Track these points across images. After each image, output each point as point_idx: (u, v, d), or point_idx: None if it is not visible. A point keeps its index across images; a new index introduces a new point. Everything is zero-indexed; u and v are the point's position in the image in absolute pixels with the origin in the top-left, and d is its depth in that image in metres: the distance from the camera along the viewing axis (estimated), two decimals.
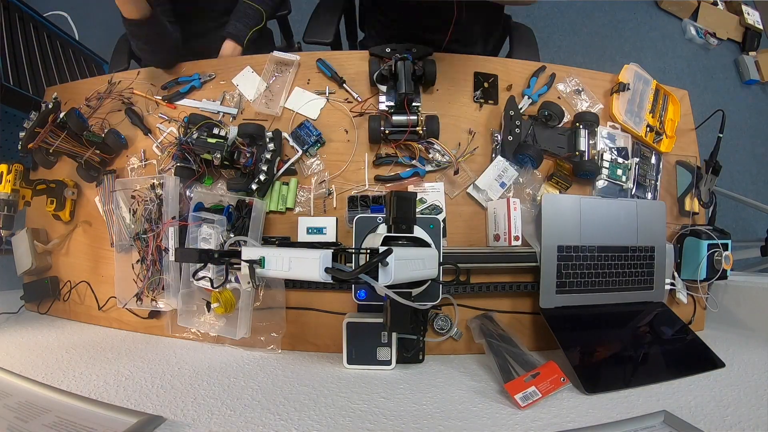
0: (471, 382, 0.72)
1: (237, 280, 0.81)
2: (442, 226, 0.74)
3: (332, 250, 0.51)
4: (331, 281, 0.49)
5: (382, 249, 0.53)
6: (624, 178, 0.93)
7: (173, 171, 0.88)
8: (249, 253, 0.55)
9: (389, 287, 0.54)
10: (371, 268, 0.49)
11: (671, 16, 2.54)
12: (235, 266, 0.57)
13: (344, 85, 0.92)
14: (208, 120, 0.86)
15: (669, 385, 0.70)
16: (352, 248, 0.60)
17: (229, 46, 1.04)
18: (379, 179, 0.87)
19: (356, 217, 0.72)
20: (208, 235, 0.79)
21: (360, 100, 0.91)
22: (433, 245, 0.66)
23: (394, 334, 0.76)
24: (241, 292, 0.81)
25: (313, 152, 0.89)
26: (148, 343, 0.86)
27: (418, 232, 0.66)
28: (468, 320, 0.86)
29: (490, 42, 1.23)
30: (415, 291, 0.67)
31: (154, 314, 0.91)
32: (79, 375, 0.68)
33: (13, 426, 0.52)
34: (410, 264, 0.56)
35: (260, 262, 0.54)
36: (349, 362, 0.77)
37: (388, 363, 0.76)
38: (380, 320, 0.75)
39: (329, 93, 0.92)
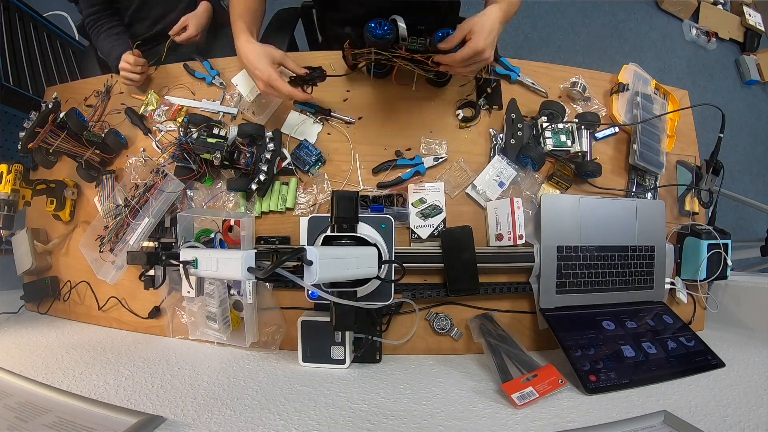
0: (471, 382, 0.72)
1: (239, 293, 0.82)
2: (393, 226, 0.75)
3: (255, 251, 0.53)
4: (255, 279, 0.52)
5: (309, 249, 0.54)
6: (569, 143, 0.89)
7: (173, 171, 0.88)
8: (186, 254, 0.56)
9: (330, 285, 0.57)
10: (284, 266, 0.50)
11: (671, 17, 2.54)
12: (174, 267, 0.60)
13: (333, 114, 0.91)
14: (208, 120, 0.86)
15: (669, 385, 0.70)
16: (279, 246, 0.60)
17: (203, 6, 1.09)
18: (381, 186, 0.87)
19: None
20: (211, 291, 0.79)
21: (353, 120, 0.91)
22: (380, 244, 0.66)
23: (348, 333, 0.76)
24: (244, 304, 0.81)
25: (315, 172, 0.88)
26: (148, 343, 0.86)
27: (367, 230, 0.66)
28: (468, 320, 0.86)
29: None
30: (361, 290, 0.66)
31: (154, 314, 0.91)
32: (79, 375, 0.68)
33: (13, 426, 0.52)
34: (340, 263, 0.56)
35: (194, 263, 0.55)
36: (304, 360, 0.77)
37: (342, 362, 0.76)
38: None
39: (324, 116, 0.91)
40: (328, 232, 0.65)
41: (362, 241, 0.63)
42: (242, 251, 0.51)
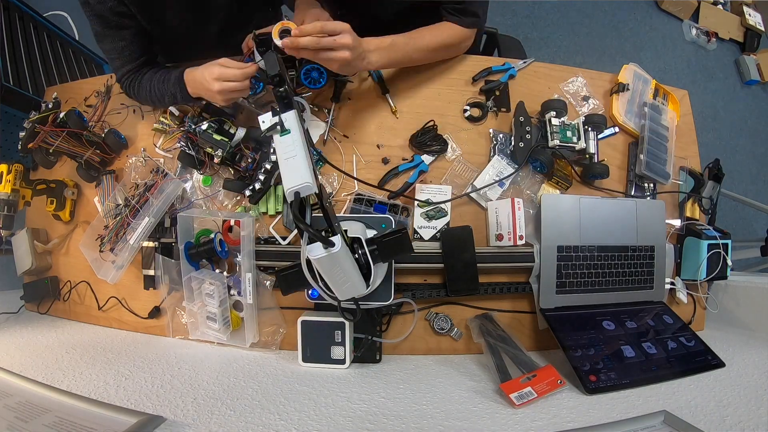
0: (471, 382, 0.72)
1: (240, 293, 0.82)
2: (393, 226, 0.76)
3: (317, 191, 0.56)
4: (290, 203, 0.55)
5: (351, 235, 0.58)
6: (575, 139, 0.88)
7: (177, 155, 0.88)
8: (289, 120, 0.60)
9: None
10: (316, 232, 0.53)
11: (671, 17, 2.54)
12: (274, 111, 0.62)
13: (387, 95, 0.91)
14: (222, 113, 0.86)
15: (669, 385, 0.70)
16: (329, 204, 0.62)
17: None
18: (392, 195, 0.87)
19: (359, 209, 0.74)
20: (211, 291, 0.80)
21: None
22: (376, 278, 0.67)
23: (348, 333, 0.76)
24: (244, 305, 0.82)
25: (316, 171, 0.88)
26: (148, 343, 0.86)
27: (377, 272, 0.66)
28: (468, 320, 0.86)
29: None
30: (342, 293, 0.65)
31: (154, 314, 0.91)
32: (79, 375, 0.68)
33: (13, 426, 0.52)
34: (337, 270, 0.58)
35: (284, 130, 0.59)
36: (305, 360, 0.77)
37: (342, 362, 0.76)
38: (335, 319, 0.76)
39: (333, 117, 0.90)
40: (368, 236, 0.65)
41: (367, 271, 0.63)
42: (311, 179, 0.54)
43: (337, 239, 0.54)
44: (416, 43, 0.82)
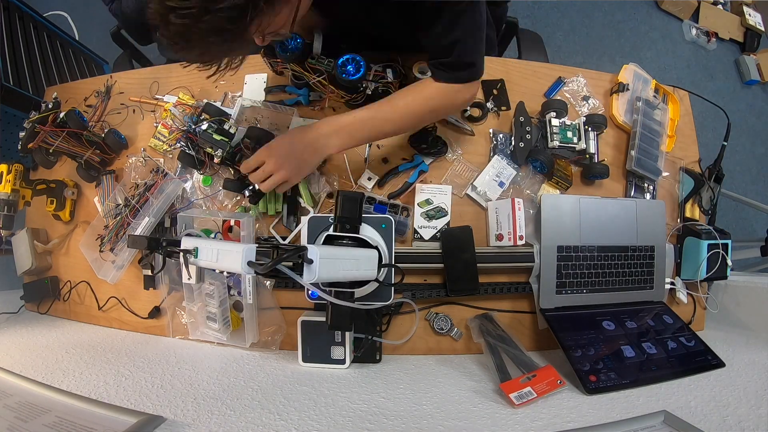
0: (470, 382, 0.72)
1: (239, 293, 0.82)
2: (393, 226, 0.74)
3: (257, 246, 0.52)
4: (254, 274, 0.50)
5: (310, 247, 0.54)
6: (575, 140, 0.89)
7: (177, 155, 0.88)
8: (187, 243, 0.56)
9: (328, 285, 0.58)
10: (287, 263, 0.50)
11: (671, 17, 2.54)
12: (174, 256, 0.58)
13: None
14: (222, 113, 0.85)
15: (669, 385, 0.70)
16: (281, 243, 0.60)
17: None
18: (392, 195, 0.87)
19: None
20: (211, 291, 0.79)
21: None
22: (381, 246, 0.66)
23: (348, 333, 0.76)
24: (244, 305, 0.82)
25: (316, 171, 0.88)
26: (148, 343, 0.86)
27: (369, 232, 0.66)
28: (468, 320, 0.86)
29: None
30: (359, 291, 0.66)
31: (154, 314, 0.91)
32: (79, 375, 0.68)
33: (13, 426, 0.52)
34: (340, 263, 0.57)
35: (194, 252, 0.55)
36: (305, 360, 0.77)
37: (342, 362, 0.76)
38: None
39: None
40: (330, 231, 0.64)
41: (363, 243, 0.63)
42: (243, 245, 0.50)
43: (309, 250, 0.51)
44: (387, 114, 0.71)
